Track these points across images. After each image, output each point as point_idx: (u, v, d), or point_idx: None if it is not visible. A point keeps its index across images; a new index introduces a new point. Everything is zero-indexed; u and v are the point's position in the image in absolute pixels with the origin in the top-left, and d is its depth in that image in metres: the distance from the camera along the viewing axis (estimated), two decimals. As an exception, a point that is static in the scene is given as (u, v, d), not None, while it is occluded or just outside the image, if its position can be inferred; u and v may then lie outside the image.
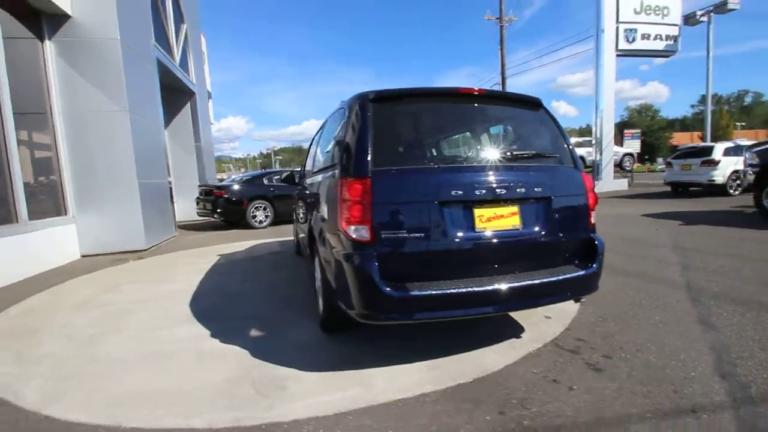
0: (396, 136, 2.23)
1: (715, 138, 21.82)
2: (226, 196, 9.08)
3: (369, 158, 2.08)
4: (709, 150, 11.23)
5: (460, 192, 2.09)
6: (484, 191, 2.12)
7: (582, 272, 2.26)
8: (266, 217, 9.37)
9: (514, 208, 2.19)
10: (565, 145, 2.48)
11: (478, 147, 2.33)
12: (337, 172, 2.23)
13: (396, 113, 2.26)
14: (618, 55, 14.31)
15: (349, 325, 2.75)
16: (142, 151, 6.61)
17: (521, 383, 2.07)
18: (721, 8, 14.18)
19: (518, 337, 2.64)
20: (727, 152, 10.90)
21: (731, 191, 10.88)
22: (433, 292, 1.97)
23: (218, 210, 9.16)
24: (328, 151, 2.81)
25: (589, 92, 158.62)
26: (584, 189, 2.39)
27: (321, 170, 2.90)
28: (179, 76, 10.09)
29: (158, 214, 7.42)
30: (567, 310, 3.03)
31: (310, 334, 2.79)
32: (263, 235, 8.16)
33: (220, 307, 3.51)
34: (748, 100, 72.79)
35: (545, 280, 2.12)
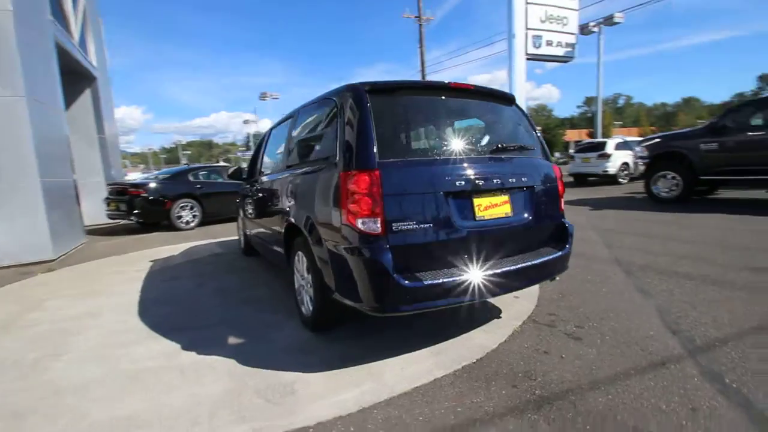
0: (394, 127, 2.24)
1: (602, 135, 25.35)
2: (144, 195, 8.14)
3: (375, 150, 2.07)
4: (603, 145, 13.02)
5: (462, 182, 2.18)
6: (482, 181, 2.24)
7: (559, 253, 2.51)
8: (194, 217, 8.62)
9: (506, 197, 2.35)
10: (538, 137, 2.72)
11: (469, 139, 2.44)
12: (339, 165, 2.16)
13: (392, 105, 2.27)
14: (527, 59, 15.76)
15: (341, 322, 2.71)
16: (43, 144, 5.62)
17: (518, 358, 2.25)
18: (609, 21, 16.45)
19: (498, 317, 2.85)
20: (618, 147, 12.77)
21: (621, 180, 12.77)
22: (445, 281, 2.04)
23: (136, 211, 8.18)
24: (310, 145, 2.71)
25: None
26: (556, 178, 2.65)
27: (301, 165, 2.78)
28: (78, 57, 8.72)
29: (65, 218, 6.40)
30: (530, 289, 3.33)
31: (297, 336, 2.69)
32: (193, 236, 7.50)
33: (180, 316, 3.19)
34: (620, 102, 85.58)
35: (535, 261, 2.33)
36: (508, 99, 2.71)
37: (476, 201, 2.24)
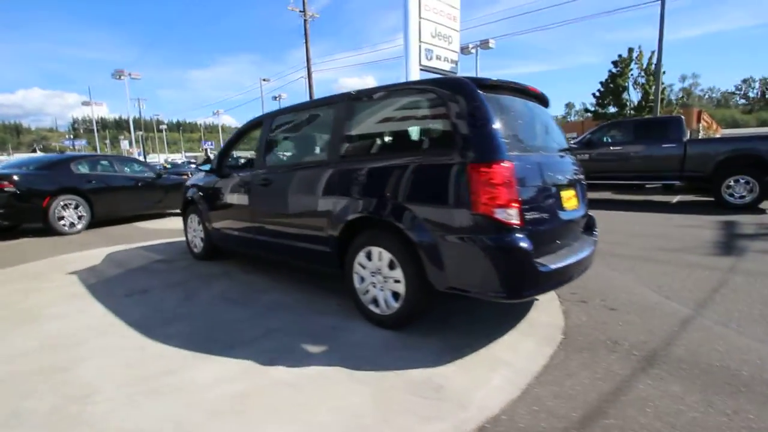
0: (503, 122, 2.34)
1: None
2: (11, 189, 6.16)
3: (504, 142, 2.16)
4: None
5: (558, 176, 2.44)
6: (563, 176, 2.54)
7: (595, 239, 2.99)
8: (80, 218, 6.89)
9: (574, 191, 2.70)
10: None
11: (544, 138, 2.70)
12: (466, 156, 2.16)
13: (494, 101, 2.37)
14: (421, 70, 17.07)
15: (423, 314, 2.67)
16: None
17: (591, 329, 2.62)
18: (484, 45, 19.01)
19: (536, 298, 3.20)
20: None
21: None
22: (560, 265, 2.26)
23: (-4, 210, 6.13)
24: (396, 137, 2.58)
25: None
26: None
27: (377, 157, 2.63)
28: None
29: None
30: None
31: (377, 335, 2.56)
32: (91, 242, 6.04)
33: (206, 331, 2.67)
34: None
35: (593, 247, 2.74)
36: (547, 101, 3.07)
37: (562, 194, 2.53)
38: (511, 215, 2.10)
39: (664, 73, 16.78)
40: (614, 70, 24.92)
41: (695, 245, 4.78)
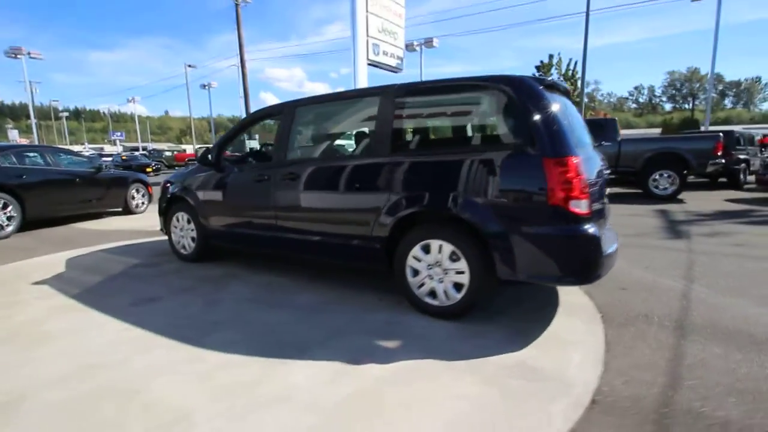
0: (561, 118, 2.50)
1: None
2: None
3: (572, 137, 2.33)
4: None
5: (597, 169, 2.69)
6: (601, 169, 2.81)
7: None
8: (9, 219, 5.85)
9: (604, 183, 2.99)
10: None
11: (583, 133, 2.92)
12: (541, 150, 2.29)
13: (554, 99, 2.53)
14: (369, 64, 17.09)
15: (483, 303, 2.76)
16: None
17: (622, 307, 2.92)
18: (428, 43, 19.58)
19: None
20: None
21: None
22: (613, 249, 2.52)
23: None
24: (458, 131, 2.61)
25: (292, 87, 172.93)
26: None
27: (437, 150, 2.64)
28: None
29: None
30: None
31: (439, 326, 2.60)
32: (32, 247, 5.18)
33: (261, 337, 2.50)
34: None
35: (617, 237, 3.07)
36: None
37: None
38: (583, 206, 2.28)
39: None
40: (538, 75, 27.21)
41: (650, 231, 5.52)
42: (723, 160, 8.08)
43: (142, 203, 8.42)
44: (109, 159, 23.30)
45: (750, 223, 6.00)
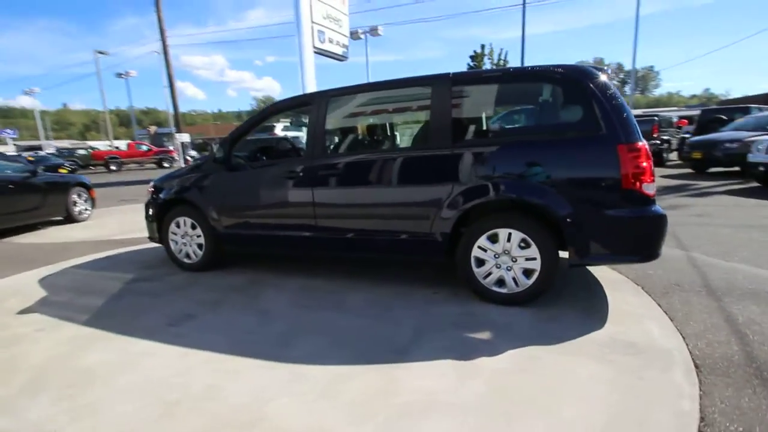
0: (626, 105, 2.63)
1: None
2: None
3: None
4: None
5: None
6: None
7: None
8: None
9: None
10: None
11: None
12: (614, 137, 2.40)
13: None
14: (315, 52, 16.52)
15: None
16: None
17: (656, 278, 3.22)
18: (374, 32, 19.37)
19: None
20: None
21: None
22: None
23: None
24: (526, 119, 2.61)
25: (213, 76, 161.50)
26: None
27: (501, 139, 2.63)
28: None
29: None
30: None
31: (512, 314, 2.65)
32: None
33: (349, 341, 2.36)
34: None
35: None
36: None
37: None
38: (652, 188, 2.46)
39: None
40: (472, 64, 28.38)
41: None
42: (659, 141, 9.15)
43: (86, 209, 7.38)
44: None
45: (695, 195, 6.91)
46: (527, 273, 2.69)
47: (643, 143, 2.43)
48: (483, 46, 28.14)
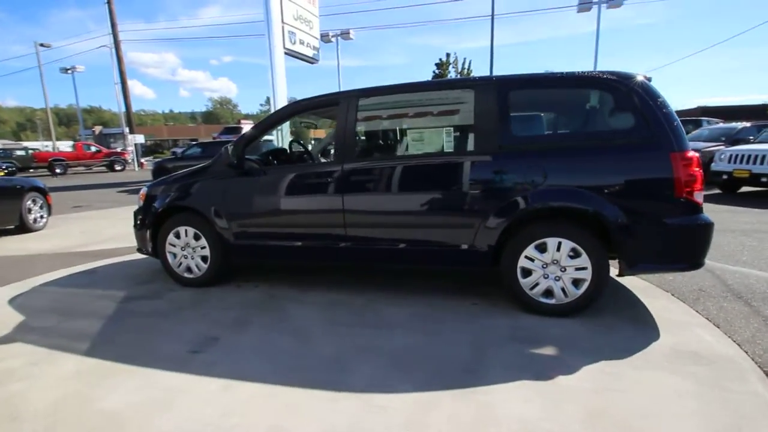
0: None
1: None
2: None
3: None
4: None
5: None
6: None
7: None
8: None
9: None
10: None
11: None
12: (666, 145, 2.39)
13: None
14: (286, 53, 16.06)
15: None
16: None
17: (676, 284, 3.29)
18: (345, 36, 19.12)
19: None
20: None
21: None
22: None
23: None
24: (579, 125, 2.53)
25: (163, 75, 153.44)
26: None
27: (556, 145, 2.57)
28: None
29: None
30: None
31: (567, 326, 2.57)
32: None
33: (408, 363, 2.16)
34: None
35: None
36: None
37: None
38: (701, 197, 2.48)
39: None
40: (437, 72, 28.91)
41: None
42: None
43: (41, 217, 6.59)
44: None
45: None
46: (576, 283, 2.63)
47: (692, 150, 2.45)
48: (448, 55, 28.79)
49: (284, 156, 3.74)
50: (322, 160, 3.98)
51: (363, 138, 3.04)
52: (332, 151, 3.06)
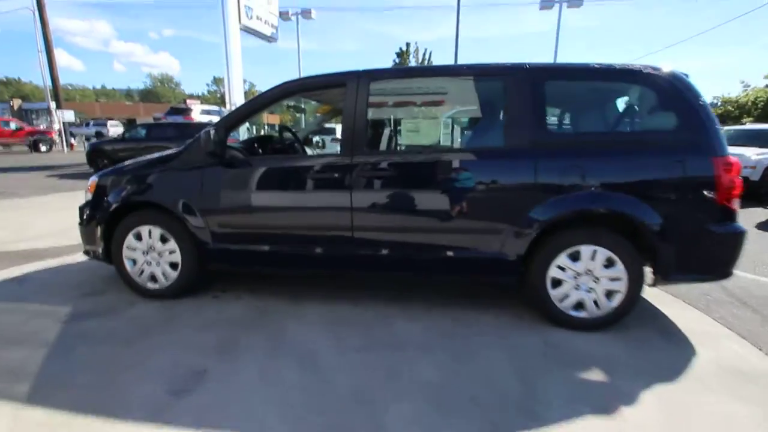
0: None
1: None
2: None
3: None
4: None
5: None
6: None
7: None
8: None
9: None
10: None
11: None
12: (707, 149, 2.23)
13: None
14: (241, 30, 14.89)
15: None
16: None
17: (682, 290, 3.23)
18: (307, 14, 18.09)
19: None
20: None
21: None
22: None
23: None
24: (617, 123, 2.28)
25: (94, 45, 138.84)
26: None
27: (593, 142, 2.34)
28: None
29: None
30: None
31: (599, 341, 2.39)
32: None
33: (447, 398, 1.83)
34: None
35: None
36: None
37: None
38: (738, 204, 2.36)
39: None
40: (397, 61, 28.58)
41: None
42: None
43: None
44: None
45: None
46: (609, 295, 2.44)
47: (731, 156, 2.32)
48: (408, 45, 28.52)
49: (271, 145, 3.22)
50: (308, 150, 3.51)
51: (375, 127, 2.62)
52: (338, 142, 2.62)
